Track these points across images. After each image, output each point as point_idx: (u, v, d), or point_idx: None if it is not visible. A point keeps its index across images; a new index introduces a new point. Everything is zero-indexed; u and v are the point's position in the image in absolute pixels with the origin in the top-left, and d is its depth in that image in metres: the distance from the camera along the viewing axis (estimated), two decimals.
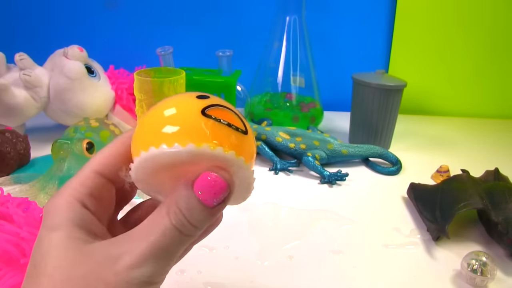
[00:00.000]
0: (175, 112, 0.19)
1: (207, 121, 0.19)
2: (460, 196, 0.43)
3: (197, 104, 0.19)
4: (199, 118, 0.19)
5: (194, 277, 0.36)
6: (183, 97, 0.20)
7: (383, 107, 0.62)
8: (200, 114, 0.19)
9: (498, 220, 0.40)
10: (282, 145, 0.59)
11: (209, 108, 0.19)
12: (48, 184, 0.46)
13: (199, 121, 0.19)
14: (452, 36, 0.82)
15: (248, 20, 0.85)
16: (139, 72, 0.51)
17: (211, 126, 0.19)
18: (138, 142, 0.19)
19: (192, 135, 0.18)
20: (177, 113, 0.19)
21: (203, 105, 0.19)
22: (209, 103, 0.19)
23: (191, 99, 0.20)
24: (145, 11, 0.86)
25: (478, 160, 0.63)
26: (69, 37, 0.85)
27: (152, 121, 0.19)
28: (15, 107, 0.59)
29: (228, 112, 0.20)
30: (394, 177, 0.58)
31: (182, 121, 0.19)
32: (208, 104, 0.19)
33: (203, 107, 0.19)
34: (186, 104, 0.19)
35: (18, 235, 0.31)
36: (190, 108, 0.19)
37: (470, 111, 0.87)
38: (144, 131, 0.20)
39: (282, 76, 0.70)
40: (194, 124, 0.18)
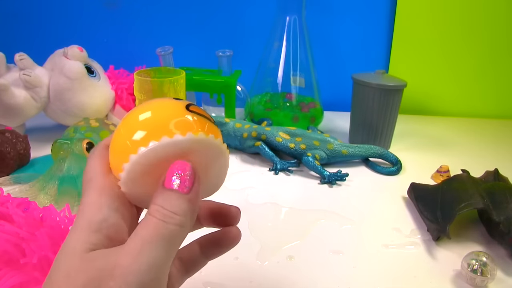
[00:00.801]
0: (169, 111, 0.22)
1: (193, 115, 0.22)
2: (461, 196, 0.43)
3: (180, 104, 0.22)
4: (188, 114, 0.22)
5: (194, 277, 0.36)
6: (166, 99, 0.23)
7: (383, 107, 0.62)
8: (187, 111, 0.22)
9: (500, 220, 0.40)
10: (282, 145, 0.59)
11: (190, 105, 0.22)
12: (48, 184, 0.46)
13: (189, 116, 0.22)
14: (452, 36, 0.82)
15: (248, 20, 0.85)
16: (139, 72, 0.51)
17: (197, 119, 0.22)
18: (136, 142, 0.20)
19: (186, 127, 0.21)
20: (170, 111, 0.22)
21: (184, 104, 0.22)
22: (187, 102, 0.23)
23: (173, 103, 0.23)
24: (145, 11, 0.86)
25: (478, 160, 0.63)
26: (69, 37, 0.85)
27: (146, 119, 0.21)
28: (15, 107, 0.59)
29: (199, 108, 0.23)
30: (394, 177, 0.58)
31: (176, 117, 0.21)
32: (187, 103, 0.23)
33: (185, 105, 0.22)
34: (174, 105, 0.22)
35: (18, 235, 0.31)
36: (179, 107, 0.22)
37: (470, 111, 0.87)
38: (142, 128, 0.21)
39: (282, 76, 0.70)
40: (186, 119, 0.21)
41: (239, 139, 0.62)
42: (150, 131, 0.20)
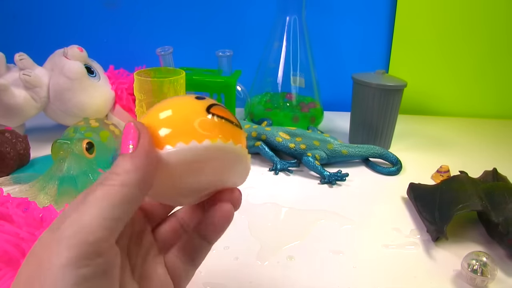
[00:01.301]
0: (188, 113, 0.21)
1: (212, 119, 0.21)
2: (459, 197, 0.43)
3: (201, 104, 0.22)
4: (208, 117, 0.21)
5: (194, 277, 0.36)
6: (188, 100, 0.22)
7: (383, 107, 0.62)
8: (206, 112, 0.21)
9: (499, 221, 0.40)
10: (282, 145, 0.59)
11: (211, 107, 0.22)
12: (48, 184, 0.46)
13: (209, 119, 0.21)
14: (452, 36, 0.82)
15: (248, 20, 0.85)
16: (139, 72, 0.51)
17: (218, 123, 0.21)
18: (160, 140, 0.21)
19: (205, 131, 0.21)
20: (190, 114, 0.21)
21: (206, 105, 0.22)
22: (209, 103, 0.22)
23: (194, 103, 0.22)
24: (145, 11, 0.86)
25: (478, 160, 0.63)
26: (69, 37, 0.85)
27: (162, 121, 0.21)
28: (15, 107, 0.59)
29: (224, 109, 0.23)
30: (394, 177, 0.58)
31: (195, 119, 0.21)
32: (209, 103, 0.22)
33: (206, 106, 0.22)
34: (191, 109, 0.22)
35: (18, 235, 0.31)
36: (199, 110, 0.22)
37: (470, 111, 0.87)
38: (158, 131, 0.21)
39: (282, 76, 0.70)
40: (207, 123, 0.21)
41: None
42: (170, 133, 0.20)
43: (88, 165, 0.47)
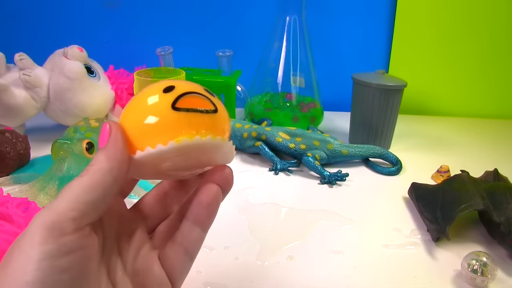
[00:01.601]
0: (152, 113, 0.21)
1: (178, 116, 0.21)
2: (461, 197, 0.43)
3: (167, 100, 0.21)
4: (173, 114, 0.21)
5: (194, 277, 0.36)
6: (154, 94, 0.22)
7: (383, 107, 0.62)
8: (171, 109, 0.21)
9: (500, 221, 0.40)
10: (282, 145, 0.59)
11: (178, 100, 0.21)
12: (48, 184, 0.46)
13: (174, 116, 0.21)
14: (452, 36, 0.82)
15: (248, 20, 0.85)
16: (139, 72, 0.51)
17: (185, 118, 0.21)
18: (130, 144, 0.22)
19: (170, 131, 0.21)
20: (154, 113, 0.21)
21: (171, 99, 0.21)
22: (176, 95, 0.21)
23: (161, 96, 0.22)
24: (145, 11, 0.86)
25: (478, 160, 0.63)
26: (69, 37, 0.85)
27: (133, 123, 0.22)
28: (15, 107, 0.59)
29: (196, 97, 0.22)
30: (394, 177, 0.58)
31: (159, 120, 0.21)
32: (175, 96, 0.21)
33: (172, 101, 0.21)
34: (157, 104, 0.21)
35: (17, 235, 0.31)
36: (160, 107, 0.21)
37: (470, 111, 0.87)
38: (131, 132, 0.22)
39: (282, 76, 0.70)
40: (171, 121, 0.21)
41: (239, 139, 0.62)
42: (138, 136, 0.21)
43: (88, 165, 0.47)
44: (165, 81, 0.23)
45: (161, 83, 0.22)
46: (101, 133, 0.21)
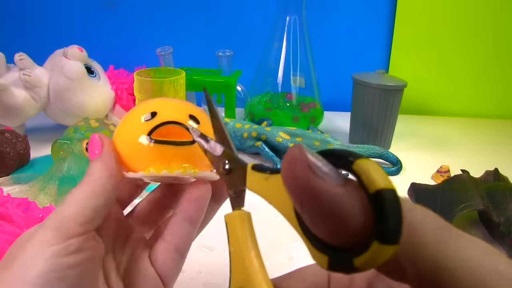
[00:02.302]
0: (131, 142, 0.23)
1: (154, 147, 0.22)
2: (460, 197, 0.43)
3: (143, 130, 0.23)
4: (147, 146, 0.22)
5: (194, 277, 0.36)
6: (134, 123, 0.24)
7: (383, 107, 0.62)
8: (146, 140, 0.22)
9: (500, 221, 0.40)
10: (282, 145, 0.59)
11: (154, 130, 0.22)
12: (48, 184, 0.46)
13: (147, 147, 0.22)
14: (452, 36, 0.82)
15: (248, 20, 0.85)
16: (139, 72, 0.51)
17: (158, 150, 0.22)
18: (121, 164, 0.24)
19: (144, 161, 0.23)
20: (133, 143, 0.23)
21: (148, 129, 0.23)
22: (153, 125, 0.23)
23: (139, 125, 0.23)
24: (145, 11, 0.86)
25: (478, 160, 0.63)
26: (69, 37, 0.85)
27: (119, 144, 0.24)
28: (15, 107, 0.59)
29: (174, 127, 0.23)
30: (394, 178, 0.58)
31: (135, 149, 0.23)
32: (152, 126, 0.23)
33: (148, 131, 0.23)
34: (135, 132, 0.23)
35: (18, 236, 0.31)
36: (137, 135, 0.23)
37: (470, 111, 0.87)
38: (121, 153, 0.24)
39: (282, 76, 0.70)
40: (144, 152, 0.22)
41: (239, 139, 0.62)
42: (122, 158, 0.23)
43: (88, 165, 0.47)
44: (152, 103, 0.24)
45: (147, 105, 0.24)
46: (90, 145, 0.23)
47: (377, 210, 0.12)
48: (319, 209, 0.13)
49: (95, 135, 0.23)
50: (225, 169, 0.20)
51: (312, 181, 0.13)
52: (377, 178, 0.12)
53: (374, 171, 0.12)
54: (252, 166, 0.18)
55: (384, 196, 0.12)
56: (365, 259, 0.12)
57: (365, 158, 0.13)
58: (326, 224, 0.13)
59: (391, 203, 0.12)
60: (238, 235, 0.19)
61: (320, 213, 0.13)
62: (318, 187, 0.13)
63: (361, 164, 0.12)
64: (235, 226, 0.19)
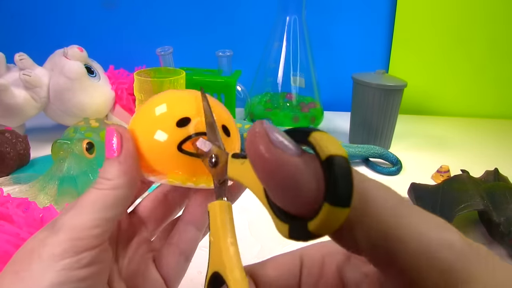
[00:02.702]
0: (159, 145, 0.21)
1: (183, 157, 0.21)
2: (460, 197, 0.43)
3: (175, 137, 0.21)
4: (177, 156, 0.21)
5: (194, 278, 0.36)
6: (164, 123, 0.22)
7: (383, 107, 0.62)
8: (176, 151, 0.21)
9: (500, 221, 0.40)
10: None
11: (185, 141, 0.21)
12: (48, 184, 0.46)
13: (176, 156, 0.21)
14: (452, 36, 0.82)
15: (248, 20, 0.85)
16: (139, 72, 0.51)
17: (186, 161, 0.21)
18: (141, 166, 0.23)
19: (169, 168, 0.22)
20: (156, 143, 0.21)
21: (180, 139, 0.21)
22: (185, 135, 0.21)
23: (170, 128, 0.21)
24: (145, 11, 0.86)
25: (478, 160, 0.63)
26: (69, 37, 0.85)
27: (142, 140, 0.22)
28: (15, 107, 0.59)
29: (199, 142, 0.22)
30: (394, 177, 0.58)
31: (163, 154, 0.21)
32: (185, 136, 0.21)
33: (179, 141, 0.21)
34: (164, 135, 0.21)
35: (18, 236, 0.31)
36: (166, 139, 0.21)
37: (470, 111, 0.87)
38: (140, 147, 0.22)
39: (282, 76, 0.70)
40: (170, 159, 0.21)
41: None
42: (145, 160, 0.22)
43: (88, 165, 0.47)
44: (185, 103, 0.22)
45: (181, 105, 0.22)
46: (108, 140, 0.21)
47: (328, 175, 0.12)
48: (277, 178, 0.13)
49: (112, 128, 0.21)
50: (211, 163, 0.21)
51: (270, 152, 0.13)
52: (329, 145, 0.13)
53: (327, 140, 0.13)
54: (232, 155, 0.19)
55: (334, 161, 0.12)
56: (318, 222, 0.12)
57: (321, 131, 0.13)
58: (284, 192, 0.14)
59: (340, 167, 0.12)
60: (218, 223, 0.20)
61: (279, 182, 0.13)
62: (277, 157, 0.13)
63: (316, 135, 0.13)
64: (216, 215, 0.20)
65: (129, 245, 0.24)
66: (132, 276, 0.23)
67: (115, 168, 0.20)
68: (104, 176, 0.20)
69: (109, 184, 0.20)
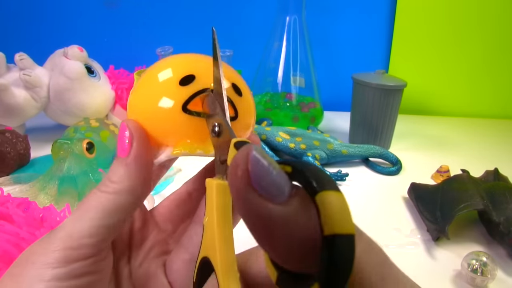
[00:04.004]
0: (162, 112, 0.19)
1: (188, 118, 0.19)
2: (460, 197, 0.43)
3: (179, 97, 0.19)
4: (181, 117, 0.19)
5: None
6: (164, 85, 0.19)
7: (383, 107, 0.62)
8: (181, 111, 0.19)
9: (500, 221, 0.40)
10: (282, 145, 0.59)
11: (191, 99, 0.19)
12: (48, 184, 0.46)
13: (182, 120, 0.19)
14: (452, 36, 0.82)
15: (248, 20, 0.85)
16: (139, 72, 0.51)
17: (193, 124, 0.19)
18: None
19: (177, 135, 0.19)
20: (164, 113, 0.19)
21: (184, 97, 0.19)
22: (190, 93, 0.19)
23: (172, 89, 0.19)
24: (145, 11, 0.86)
25: (478, 160, 0.63)
26: (69, 37, 0.85)
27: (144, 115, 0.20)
28: (15, 107, 0.59)
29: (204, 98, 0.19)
30: (394, 177, 0.58)
31: (168, 121, 0.19)
32: (190, 94, 0.19)
33: (184, 100, 0.19)
34: (167, 97, 0.19)
35: (18, 235, 0.31)
36: (173, 107, 0.19)
37: (470, 111, 0.87)
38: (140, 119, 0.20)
39: (282, 76, 0.70)
40: (179, 124, 0.19)
41: None
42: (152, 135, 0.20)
43: (88, 165, 0.47)
44: (186, 61, 0.20)
45: (181, 63, 0.20)
46: (120, 136, 0.19)
47: (326, 256, 0.10)
48: (262, 233, 0.11)
49: (125, 123, 0.19)
50: (214, 131, 0.18)
51: (253, 204, 0.11)
52: (338, 218, 0.11)
53: (337, 210, 0.11)
54: (235, 142, 0.16)
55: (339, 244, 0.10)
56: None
57: (333, 190, 0.11)
58: (271, 248, 0.12)
59: (343, 254, 0.10)
60: (213, 204, 0.17)
61: (263, 236, 0.11)
62: (262, 211, 0.11)
63: (325, 198, 0.11)
64: (212, 195, 0.17)
65: (142, 247, 0.23)
66: (141, 279, 0.22)
67: (121, 171, 0.18)
68: (110, 177, 0.18)
69: (112, 188, 0.18)
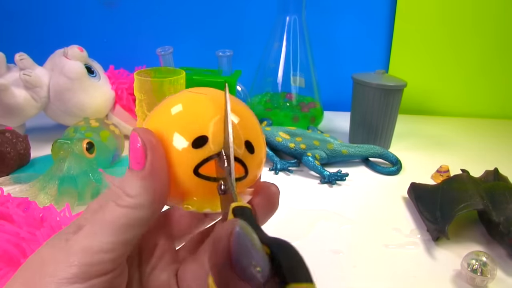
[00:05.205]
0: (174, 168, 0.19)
1: (198, 181, 0.19)
2: (460, 197, 0.43)
3: (191, 160, 0.19)
4: (192, 180, 0.19)
5: None
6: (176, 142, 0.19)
7: (383, 107, 0.62)
8: (192, 175, 0.19)
9: (499, 221, 0.40)
10: (282, 145, 0.59)
11: (203, 164, 0.19)
12: (48, 184, 0.46)
13: (192, 182, 0.19)
14: (452, 36, 0.82)
15: (248, 20, 0.85)
16: (139, 72, 0.51)
17: (202, 186, 0.19)
18: None
19: (186, 193, 0.20)
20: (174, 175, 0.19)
21: (196, 161, 0.19)
22: (202, 157, 0.19)
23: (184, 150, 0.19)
24: (145, 11, 0.86)
25: (478, 160, 0.63)
26: (69, 37, 0.85)
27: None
28: (15, 107, 0.59)
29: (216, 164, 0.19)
30: (394, 177, 0.58)
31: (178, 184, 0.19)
32: (201, 158, 0.19)
33: (196, 164, 0.19)
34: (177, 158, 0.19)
35: (18, 235, 0.31)
36: (185, 168, 0.19)
37: (471, 111, 0.87)
38: None
39: (282, 76, 0.70)
40: (189, 186, 0.19)
41: None
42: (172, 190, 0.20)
43: (88, 165, 0.48)
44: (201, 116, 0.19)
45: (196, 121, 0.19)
46: (132, 146, 0.18)
47: None
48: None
49: (136, 133, 0.18)
50: (221, 190, 0.19)
51: (226, 274, 0.12)
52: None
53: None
54: (233, 208, 0.16)
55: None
56: None
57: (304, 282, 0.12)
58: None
59: None
60: None
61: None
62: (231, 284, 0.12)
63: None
64: None
65: (153, 251, 0.22)
66: (150, 286, 0.21)
67: (137, 184, 0.17)
68: (125, 190, 0.18)
69: (130, 202, 0.17)
